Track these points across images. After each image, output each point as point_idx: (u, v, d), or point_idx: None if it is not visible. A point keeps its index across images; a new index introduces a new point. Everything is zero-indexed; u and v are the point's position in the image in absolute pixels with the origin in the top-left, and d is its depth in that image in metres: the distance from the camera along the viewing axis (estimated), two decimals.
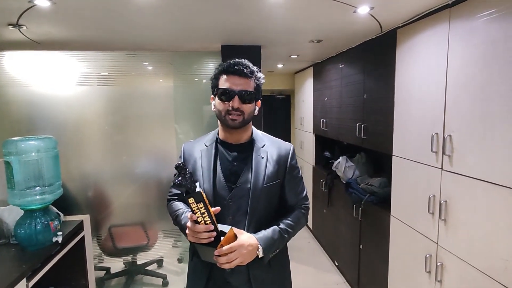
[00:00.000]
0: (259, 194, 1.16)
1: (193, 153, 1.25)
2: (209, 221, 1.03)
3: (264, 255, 1.11)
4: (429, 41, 1.70)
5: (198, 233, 1.04)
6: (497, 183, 1.31)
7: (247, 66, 1.15)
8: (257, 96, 1.19)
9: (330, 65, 3.23)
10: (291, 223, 1.21)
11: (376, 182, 2.41)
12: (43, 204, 1.75)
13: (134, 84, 2.70)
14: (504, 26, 1.26)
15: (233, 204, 1.17)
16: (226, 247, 1.03)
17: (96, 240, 2.67)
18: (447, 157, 1.57)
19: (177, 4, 1.62)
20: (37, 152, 1.73)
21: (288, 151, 1.25)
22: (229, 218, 1.17)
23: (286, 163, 1.23)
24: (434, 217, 1.68)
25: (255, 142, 1.23)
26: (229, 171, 1.19)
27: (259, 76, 1.19)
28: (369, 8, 1.69)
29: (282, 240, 1.18)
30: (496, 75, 1.30)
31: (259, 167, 1.18)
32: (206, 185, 1.16)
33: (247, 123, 1.19)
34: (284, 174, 1.23)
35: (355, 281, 2.69)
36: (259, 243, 1.10)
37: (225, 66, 1.15)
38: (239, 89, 1.13)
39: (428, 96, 1.72)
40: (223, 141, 1.23)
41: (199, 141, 1.29)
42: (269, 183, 1.18)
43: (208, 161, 1.20)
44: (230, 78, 1.14)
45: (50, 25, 1.92)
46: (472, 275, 1.44)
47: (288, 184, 1.24)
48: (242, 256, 1.05)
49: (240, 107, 1.13)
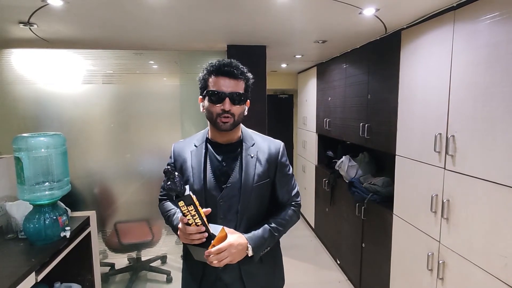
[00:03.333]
0: (249, 193, 1.17)
1: (183, 153, 1.25)
2: (200, 222, 1.04)
3: (254, 254, 1.13)
4: (433, 43, 1.72)
5: (189, 234, 1.06)
6: (498, 182, 1.34)
7: (237, 67, 1.14)
8: (247, 97, 1.18)
9: (334, 65, 3.25)
10: (282, 221, 1.22)
11: (379, 181, 2.43)
12: (52, 199, 1.78)
13: (140, 82, 2.73)
14: (506, 29, 1.28)
15: (224, 204, 1.17)
16: (215, 248, 1.04)
17: (101, 236, 2.71)
18: (450, 157, 1.60)
19: (186, 4, 1.64)
20: (46, 149, 1.76)
21: (278, 149, 1.24)
22: (220, 218, 1.18)
23: (276, 161, 1.23)
24: (436, 215, 1.71)
25: (244, 141, 1.22)
26: (219, 171, 1.19)
27: (249, 77, 1.18)
28: (375, 10, 1.72)
29: (272, 238, 1.19)
30: (499, 76, 1.32)
31: (249, 167, 1.18)
32: (196, 186, 1.17)
33: (237, 124, 1.18)
34: (275, 172, 1.23)
35: (357, 279, 2.72)
36: (249, 242, 1.11)
37: (215, 67, 1.13)
38: (229, 91, 1.11)
39: (431, 97, 1.74)
40: (212, 141, 1.23)
41: (188, 141, 1.29)
42: (259, 182, 1.18)
43: (198, 161, 1.20)
44: (220, 79, 1.12)
45: (60, 23, 1.95)
46: (473, 272, 1.47)
47: (278, 182, 1.24)
48: (231, 255, 1.07)
49: (231, 109, 1.12)
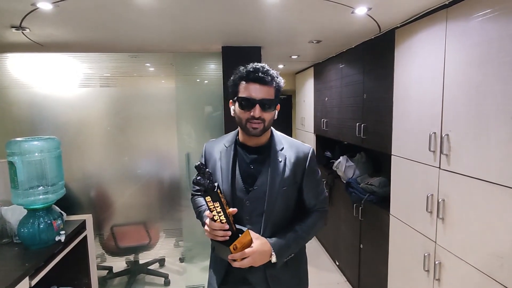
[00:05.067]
0: (275, 197, 1.17)
1: (213, 153, 1.28)
2: (224, 220, 1.07)
3: (277, 261, 1.14)
4: (426, 41, 1.71)
5: (213, 230, 1.08)
6: (492, 182, 1.32)
7: (267, 72, 1.13)
8: (277, 102, 1.18)
9: (330, 65, 3.24)
10: (307, 228, 1.22)
11: (375, 181, 2.42)
12: (46, 203, 1.78)
13: (136, 85, 2.73)
14: (498, 26, 1.27)
15: (250, 206, 1.19)
16: (239, 253, 1.07)
17: (98, 240, 2.71)
18: (445, 156, 1.58)
19: (178, 6, 1.64)
20: (40, 153, 1.75)
21: (306, 154, 1.24)
22: (246, 219, 1.19)
23: (305, 166, 1.23)
24: (432, 216, 1.69)
25: (273, 145, 1.23)
26: (247, 173, 1.21)
27: (279, 81, 1.18)
28: (367, 9, 1.71)
29: (296, 245, 1.20)
30: (491, 75, 1.31)
31: (277, 170, 1.19)
32: (224, 186, 1.19)
33: (267, 129, 1.19)
34: (302, 176, 1.23)
35: (356, 280, 2.70)
36: (273, 249, 1.13)
37: (245, 73, 1.13)
38: (260, 98, 1.11)
39: (426, 96, 1.73)
40: (242, 143, 1.25)
41: (219, 141, 1.31)
42: (285, 186, 1.19)
43: (227, 162, 1.22)
44: (250, 85, 1.12)
45: (52, 27, 1.95)
46: (469, 273, 1.45)
47: (306, 187, 1.24)
48: (254, 260, 1.09)
49: (261, 116, 1.12)
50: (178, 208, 2.82)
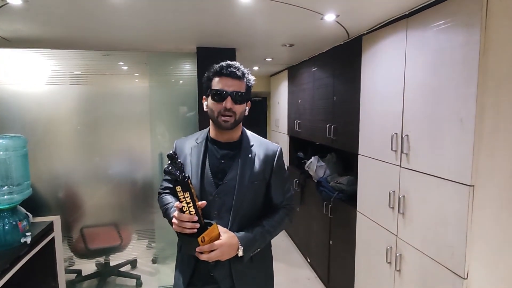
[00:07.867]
0: (244, 191, 1.22)
1: (184, 149, 1.31)
2: (193, 212, 1.08)
3: (244, 254, 1.17)
4: (390, 47, 1.84)
5: (182, 222, 1.08)
6: (445, 178, 1.45)
7: (238, 68, 1.21)
8: (248, 97, 1.25)
9: (303, 69, 3.35)
10: (274, 223, 1.27)
11: (344, 180, 2.53)
12: (11, 204, 1.73)
13: (108, 84, 2.68)
14: (450, 36, 1.40)
15: (218, 200, 1.22)
16: (208, 245, 1.08)
17: (67, 242, 2.63)
18: (405, 155, 1.71)
19: (151, 5, 1.65)
20: (5, 151, 1.70)
21: (275, 152, 1.31)
22: (214, 214, 1.22)
23: (273, 163, 1.29)
24: (394, 211, 1.81)
25: (244, 142, 1.28)
26: (217, 168, 1.25)
27: (250, 78, 1.25)
28: (335, 16, 1.80)
29: (263, 240, 1.24)
30: (444, 80, 1.44)
31: (246, 165, 1.24)
32: (194, 180, 1.21)
33: (238, 123, 1.24)
34: (270, 173, 1.29)
35: (326, 275, 2.80)
36: (240, 242, 1.16)
37: (218, 68, 1.20)
38: (231, 90, 1.18)
39: (389, 99, 1.85)
40: (213, 139, 1.29)
41: (190, 138, 1.35)
42: (254, 181, 1.24)
43: (197, 157, 1.26)
44: (223, 79, 1.19)
45: (20, 22, 1.89)
46: (426, 263, 1.58)
47: (274, 184, 1.30)
48: (221, 253, 1.12)
49: (232, 108, 1.18)
50: (150, 209, 2.80)
